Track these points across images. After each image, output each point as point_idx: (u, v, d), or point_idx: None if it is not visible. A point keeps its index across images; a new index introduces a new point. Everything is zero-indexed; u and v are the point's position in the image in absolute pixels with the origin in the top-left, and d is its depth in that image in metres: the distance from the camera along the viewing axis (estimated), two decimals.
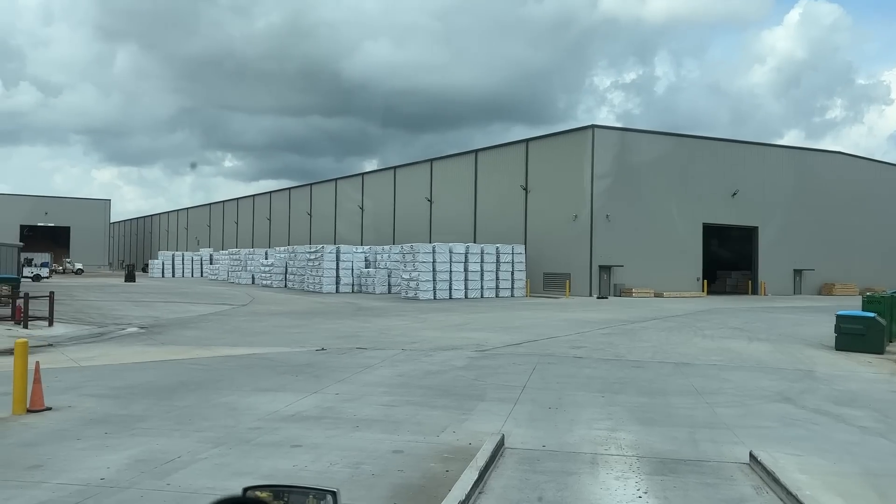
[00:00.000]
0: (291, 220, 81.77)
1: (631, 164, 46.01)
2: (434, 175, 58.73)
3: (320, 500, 1.81)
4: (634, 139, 47.38)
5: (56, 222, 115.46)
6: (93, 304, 31.90)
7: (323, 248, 46.73)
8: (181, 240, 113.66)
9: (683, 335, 22.09)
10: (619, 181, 45.45)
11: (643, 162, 46.43)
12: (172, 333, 20.86)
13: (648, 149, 46.93)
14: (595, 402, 11.31)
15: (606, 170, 45.03)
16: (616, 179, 45.36)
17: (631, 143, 46.73)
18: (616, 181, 45.35)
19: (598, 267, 44.84)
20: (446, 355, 16.34)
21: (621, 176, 45.51)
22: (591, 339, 20.42)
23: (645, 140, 47.57)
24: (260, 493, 1.81)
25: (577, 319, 26.81)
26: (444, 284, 40.72)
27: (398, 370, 13.99)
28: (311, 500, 1.82)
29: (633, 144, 46.78)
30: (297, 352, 16.85)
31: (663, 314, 30.18)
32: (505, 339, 19.92)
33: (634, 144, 46.80)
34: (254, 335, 20.57)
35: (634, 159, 46.20)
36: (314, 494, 1.80)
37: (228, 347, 17.57)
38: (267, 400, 10.85)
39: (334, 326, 23.35)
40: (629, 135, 47.89)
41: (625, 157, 45.88)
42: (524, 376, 13.48)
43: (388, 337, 20.21)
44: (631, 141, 46.98)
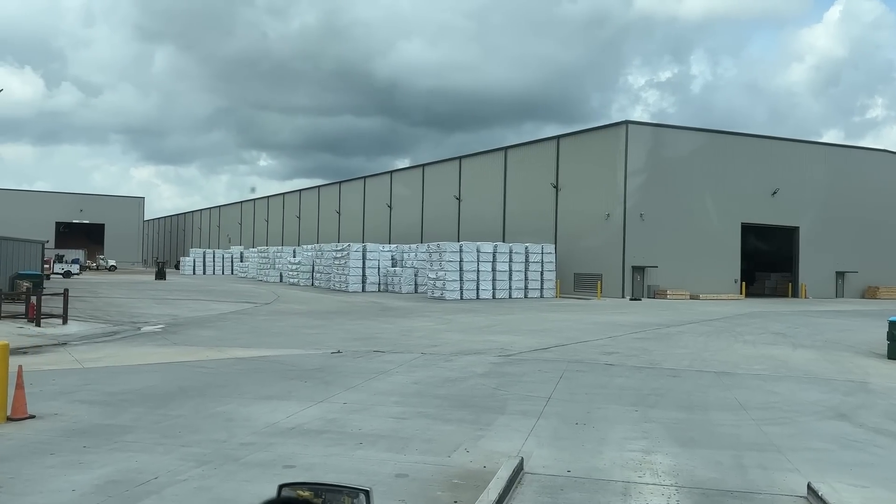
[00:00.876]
0: (321, 219, 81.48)
1: (666, 161, 44.52)
2: (463, 173, 57.76)
3: (353, 498, 1.79)
4: (670, 135, 45.83)
5: (91, 219, 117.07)
6: (114, 302, 31.57)
7: (349, 247, 46.05)
8: (213, 237, 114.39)
9: (723, 341, 20.81)
10: (654, 179, 43.99)
11: (679, 159, 44.91)
12: (188, 333, 20.22)
13: (684, 145, 45.38)
14: (627, 416, 10.24)
15: (640, 167, 43.62)
16: (650, 177, 43.92)
17: (666, 140, 45.21)
18: (650, 179, 43.91)
19: (630, 267, 43.45)
20: (468, 360, 15.37)
21: (656, 173, 44.05)
22: (624, 344, 19.27)
23: (681, 136, 45.99)
24: (300, 490, 1.80)
25: (609, 322, 25.64)
26: (472, 284, 39.72)
27: (414, 377, 13.06)
28: (345, 498, 1.79)
29: (669, 141, 45.25)
30: (312, 354, 16.02)
31: (700, 318, 28.82)
32: (531, 343, 18.87)
33: (670, 141, 45.27)
34: (270, 336, 19.83)
35: (670, 156, 44.70)
36: (348, 493, 1.78)
37: (241, 349, 16.83)
38: (268, 409, 10.00)
39: (354, 327, 22.53)
40: (664, 131, 46.36)
41: (660, 153, 44.40)
42: (550, 386, 12.45)
43: (409, 339, 19.31)
44: (666, 137, 45.46)
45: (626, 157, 43.34)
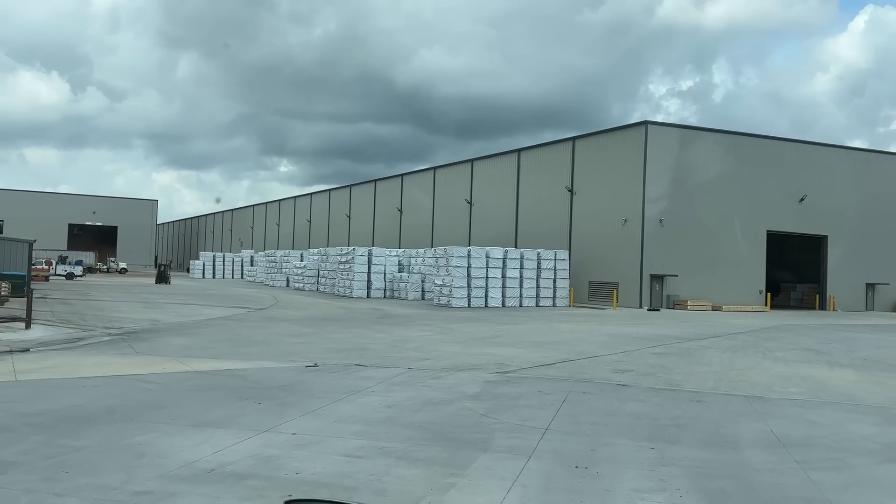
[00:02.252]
0: (331, 223, 79.96)
1: (688, 165, 42.34)
2: (475, 176, 55.85)
3: None
4: (692, 137, 43.62)
5: (104, 221, 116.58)
6: (99, 305, 30.00)
7: (354, 251, 44.28)
8: (225, 241, 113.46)
9: (750, 358, 18.69)
10: (675, 183, 41.83)
11: (701, 162, 42.71)
12: (159, 341, 18.46)
13: (707, 148, 43.18)
14: (641, 457, 8.25)
15: (661, 170, 41.47)
16: (671, 181, 41.76)
17: (688, 142, 43.03)
18: (671, 183, 41.75)
19: (649, 276, 41.25)
20: (458, 378, 13.42)
21: (677, 177, 41.88)
22: (640, 360, 17.22)
23: (704, 139, 43.77)
24: None
25: (624, 335, 23.57)
26: (480, 291, 37.77)
27: (391, 398, 11.14)
28: None
29: (691, 143, 43.07)
30: (284, 368, 14.17)
31: (723, 331, 26.66)
32: (535, 357, 16.89)
33: (692, 143, 43.09)
34: (248, 345, 18.01)
35: (692, 159, 42.52)
36: None
37: (208, 360, 15.02)
38: (196, 441, 8.13)
39: (344, 336, 20.66)
40: (686, 133, 44.15)
41: (681, 156, 42.23)
42: (549, 412, 10.47)
43: (400, 351, 17.40)
44: (688, 139, 43.26)
45: (646, 160, 41.20)
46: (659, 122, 43.56)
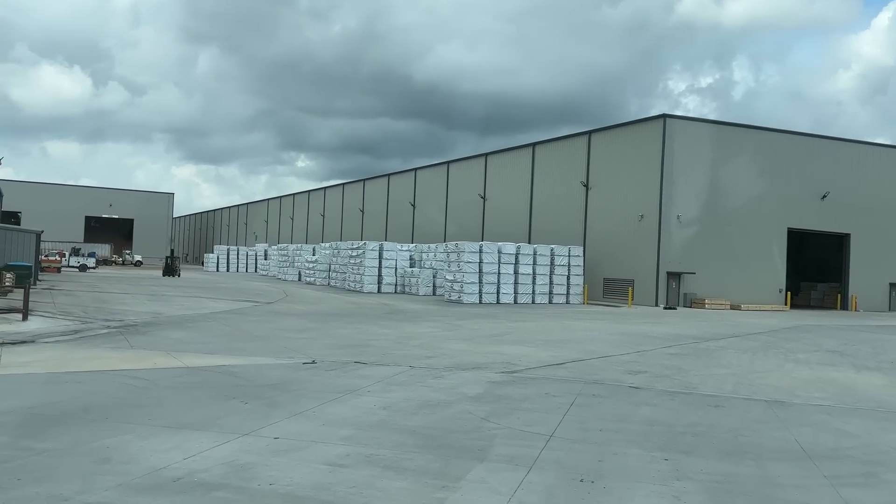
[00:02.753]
0: (344, 217, 79.51)
1: (707, 160, 41.30)
2: (488, 170, 55.05)
3: None
4: (711, 132, 42.54)
5: (120, 214, 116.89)
6: (104, 297, 29.60)
7: (365, 245, 43.68)
8: (241, 235, 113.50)
9: (771, 359, 17.84)
10: (693, 178, 40.83)
11: (721, 158, 41.66)
12: (157, 334, 17.94)
13: (727, 143, 42.08)
14: (653, 469, 7.52)
15: (679, 165, 40.48)
16: (689, 176, 40.76)
17: (707, 136, 41.96)
18: (689, 178, 40.75)
19: (665, 273, 40.30)
20: (462, 377, 12.74)
21: (695, 172, 40.86)
22: (654, 360, 16.45)
23: (723, 133, 42.66)
24: None
25: (639, 333, 22.77)
26: (492, 287, 37.02)
27: (387, 399, 10.48)
28: None
29: (710, 137, 42.00)
30: (280, 365, 13.56)
31: (742, 330, 25.77)
32: (545, 356, 16.17)
33: (711, 137, 42.02)
34: (248, 340, 17.43)
35: (711, 154, 41.48)
36: None
37: (203, 356, 14.44)
38: (170, 445, 7.52)
39: (348, 332, 20.04)
40: (706, 127, 43.08)
41: (700, 151, 41.19)
42: (555, 417, 9.77)
43: (403, 348, 16.74)
44: (707, 133, 42.19)
45: (664, 154, 40.22)
46: (678, 115, 42.50)
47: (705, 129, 42.55)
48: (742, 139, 42.69)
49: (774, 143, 43.66)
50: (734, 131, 43.12)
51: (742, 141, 42.59)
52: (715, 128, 43.14)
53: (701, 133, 41.93)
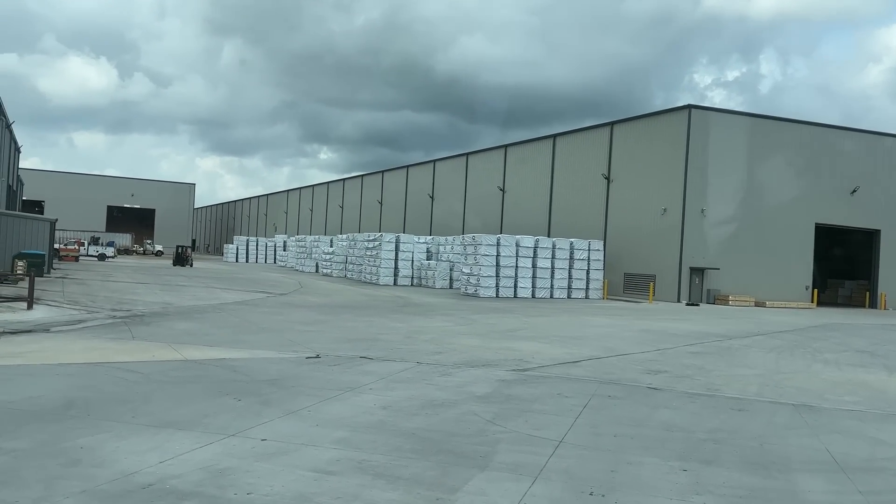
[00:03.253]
0: (363, 208, 79.15)
1: (733, 152, 40.22)
2: (508, 162, 54.25)
3: None
4: (738, 123, 41.38)
5: (142, 204, 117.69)
6: (116, 287, 29.38)
7: (381, 237, 43.19)
8: (260, 225, 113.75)
9: (798, 360, 17.03)
10: (718, 171, 39.78)
11: (748, 149, 40.55)
12: (163, 325, 17.55)
13: (754, 135, 40.94)
14: (671, 481, 6.87)
15: (704, 157, 39.46)
16: (715, 169, 39.73)
17: (733, 128, 40.84)
18: (714, 171, 39.72)
19: (688, 269, 39.35)
20: (470, 375, 12.14)
21: (721, 165, 39.81)
22: (675, 359, 15.72)
23: (751, 124, 41.49)
24: None
25: (660, 330, 22.01)
26: (509, 282, 36.35)
27: (389, 397, 9.91)
28: None
29: (736, 129, 40.87)
30: (282, 359, 13.05)
31: (767, 328, 24.89)
32: (560, 353, 15.51)
33: (737, 129, 40.89)
34: (253, 333, 16.97)
35: (738, 146, 40.37)
36: None
37: (204, 348, 13.99)
38: (148, 446, 7.01)
39: (358, 325, 19.52)
40: (733, 118, 41.90)
41: (726, 143, 40.11)
42: (567, 420, 9.13)
43: (412, 343, 16.17)
44: (733, 125, 41.06)
45: (688, 146, 39.20)
46: (704, 106, 41.37)
47: (732, 121, 41.42)
48: (770, 131, 41.52)
49: (803, 136, 42.42)
50: (762, 123, 41.96)
51: (770, 133, 41.42)
52: (742, 119, 41.97)
53: (728, 124, 40.82)
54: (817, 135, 42.92)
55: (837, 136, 43.50)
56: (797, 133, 42.38)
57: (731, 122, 41.28)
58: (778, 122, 42.52)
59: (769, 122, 42.15)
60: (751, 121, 41.85)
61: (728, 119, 41.50)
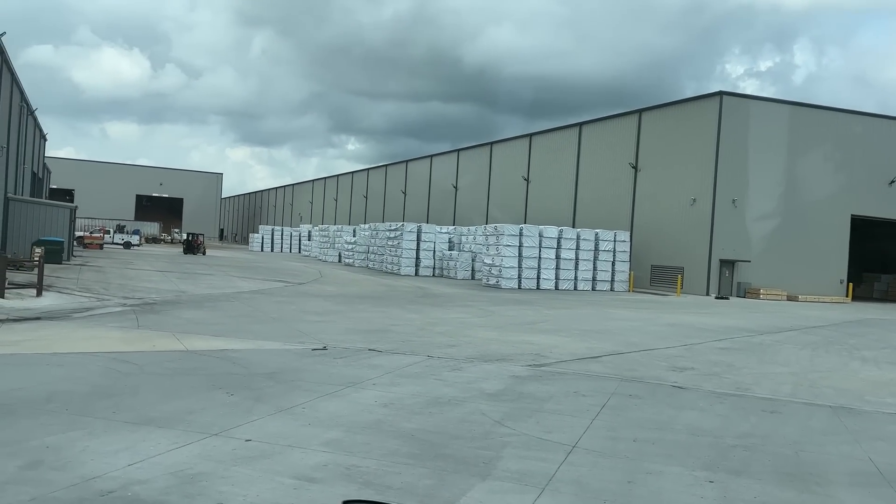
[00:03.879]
0: (387, 198, 78.66)
1: (765, 141, 38.86)
2: (533, 151, 53.26)
3: None
4: (770, 111, 39.98)
5: (170, 193, 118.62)
6: (133, 274, 29.18)
7: (403, 227, 42.60)
8: (286, 215, 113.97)
9: (834, 357, 16.09)
10: (750, 160, 38.49)
11: (781, 138, 39.16)
12: (171, 313, 17.14)
13: (788, 123, 39.53)
14: (696, 494, 6.14)
15: (735, 146, 38.18)
16: (746, 158, 38.44)
17: (766, 115, 39.45)
18: (746, 160, 38.44)
19: (718, 261, 38.19)
20: (482, 370, 11.46)
21: (753, 154, 38.50)
22: (702, 355, 14.89)
23: (783, 112, 40.06)
24: None
25: (687, 325, 21.12)
26: (532, 273, 35.54)
27: (392, 394, 9.27)
28: None
29: (769, 117, 39.48)
30: (287, 350, 12.50)
31: (801, 323, 23.85)
32: (580, 348, 14.76)
33: (770, 117, 39.50)
34: (263, 322, 16.47)
35: (770, 135, 39.00)
36: None
37: (208, 338, 13.49)
38: (121, 445, 6.45)
39: (372, 316, 18.94)
40: (765, 105, 40.50)
41: (759, 131, 38.77)
42: (582, 421, 8.42)
43: (426, 335, 15.53)
44: (766, 112, 39.66)
45: (719, 135, 37.95)
46: (735, 93, 39.96)
47: (765, 108, 40.02)
48: (804, 119, 40.06)
49: (838, 125, 40.88)
50: (796, 111, 40.51)
51: (804, 121, 39.97)
52: (775, 107, 40.54)
53: (760, 112, 39.44)
54: (854, 123, 41.33)
55: (875, 125, 41.85)
56: (832, 121, 40.85)
57: (764, 109, 39.89)
58: (813, 110, 41.02)
59: (803, 110, 40.68)
60: (784, 108, 40.41)
61: (761, 106, 40.09)
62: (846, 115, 41.62)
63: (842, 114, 41.65)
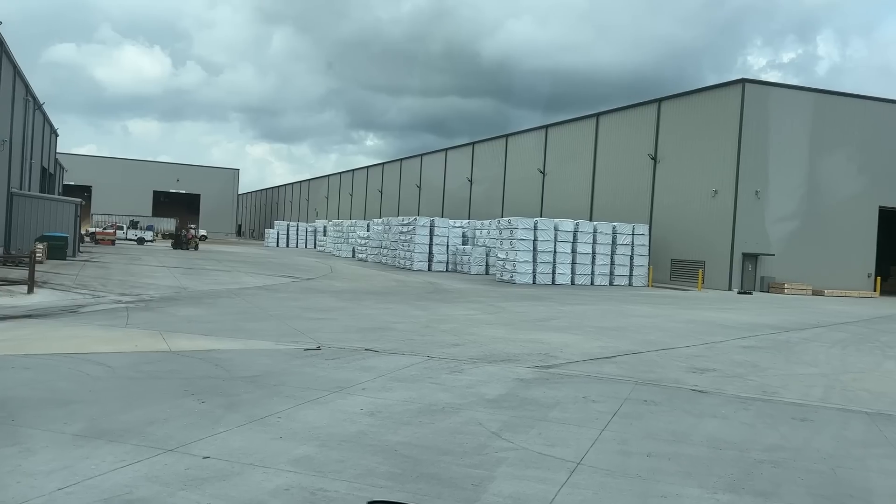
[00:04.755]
0: (402, 193, 77.89)
1: (790, 130, 37.53)
2: (549, 143, 52.15)
3: None
4: (795, 98, 38.60)
5: (187, 189, 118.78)
6: (136, 270, 28.62)
7: (416, 221, 41.75)
8: (303, 211, 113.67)
9: (866, 356, 15.03)
10: (774, 150, 37.17)
11: (806, 127, 37.80)
12: (165, 311, 16.45)
13: (814, 111, 38.15)
14: None
15: (758, 135, 36.89)
16: (769, 148, 37.12)
17: (790, 103, 38.09)
18: (769, 150, 37.12)
19: (740, 255, 36.96)
20: (484, 373, 10.59)
21: (776, 144, 37.18)
22: (724, 354, 13.91)
23: (810, 100, 38.66)
24: None
25: (708, 322, 20.09)
26: (547, 268, 34.55)
27: (381, 401, 8.43)
28: None
29: (794, 105, 38.12)
30: (277, 350, 11.72)
31: (829, 319, 22.71)
32: (593, 347, 13.84)
33: (795, 105, 38.14)
34: (259, 320, 15.70)
35: (794, 123, 37.66)
36: None
37: (197, 337, 12.76)
38: (59, 463, 5.66)
39: (376, 312, 18.12)
40: (789, 93, 39.12)
41: (782, 120, 37.44)
42: (590, 432, 7.53)
43: (430, 333, 14.69)
44: (790, 100, 38.30)
45: (741, 124, 36.66)
46: (758, 80, 38.57)
47: (789, 96, 38.64)
48: (830, 107, 38.63)
49: (866, 113, 39.38)
50: (821, 98, 39.09)
51: (829, 109, 38.55)
52: (799, 94, 39.15)
53: (784, 100, 38.07)
54: (882, 111, 39.82)
55: None
56: (859, 109, 39.36)
57: (788, 97, 38.51)
58: (839, 98, 39.56)
59: (828, 98, 39.25)
60: (809, 96, 39.01)
61: (785, 94, 38.72)
62: (873, 103, 40.11)
63: (869, 101, 40.14)
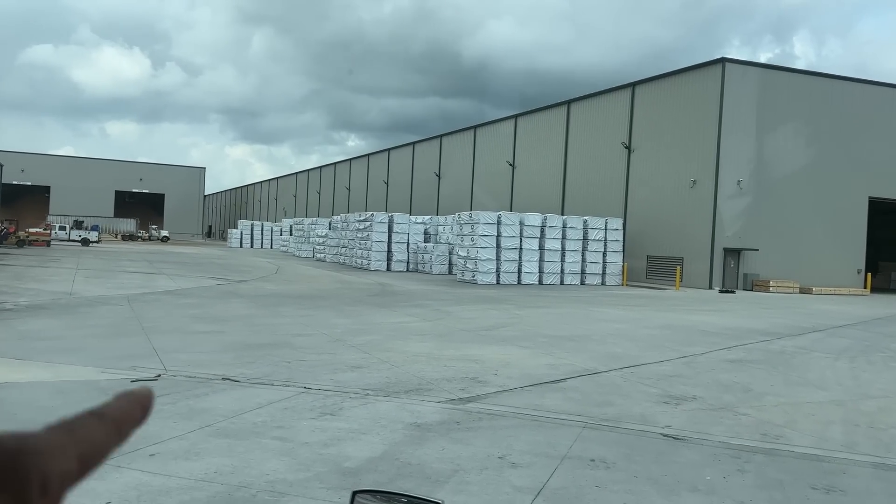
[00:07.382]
0: (369, 190, 74.62)
1: (774, 115, 34.80)
2: (518, 134, 49.15)
3: None
4: (779, 80, 35.81)
5: (151, 189, 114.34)
6: (32, 274, 25.18)
7: (373, 217, 38.50)
8: (271, 210, 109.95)
9: (882, 370, 12.11)
10: (757, 137, 34.46)
11: (790, 112, 35.10)
12: (10, 323, 13.16)
13: (798, 95, 35.48)
14: None
15: (740, 121, 34.10)
16: (753, 134, 34.37)
17: (774, 86, 35.34)
18: (753, 136, 34.39)
19: (722, 250, 34.15)
20: (371, 414, 7.41)
21: (760, 130, 34.46)
22: (707, 373, 10.87)
23: (794, 82, 35.95)
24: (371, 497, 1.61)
25: (687, 326, 17.10)
26: (512, 266, 31.48)
27: (161, 480, 5.23)
28: None
29: (778, 88, 35.38)
30: (88, 382, 8.48)
31: (823, 322, 19.84)
32: (539, 366, 10.73)
33: (779, 88, 35.39)
34: (116, 336, 12.42)
35: (779, 108, 34.92)
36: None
37: (8, 362, 9.47)
38: None
39: (284, 323, 14.87)
40: (773, 74, 36.28)
41: (766, 104, 34.71)
42: None
43: (335, 350, 11.49)
44: (775, 83, 35.53)
45: (722, 108, 33.83)
46: (739, 60, 35.69)
47: (772, 78, 35.83)
48: (818, 91, 35.99)
49: (855, 97, 36.76)
50: (809, 81, 36.47)
51: (818, 93, 35.90)
52: (785, 76, 36.33)
53: (767, 82, 35.29)
54: (872, 95, 37.26)
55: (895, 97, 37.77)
56: (849, 93, 36.73)
57: (772, 79, 35.71)
58: (827, 80, 36.97)
59: (817, 80, 36.66)
60: (795, 78, 36.30)
61: (769, 75, 35.88)
62: (862, 86, 37.50)
63: (858, 84, 37.52)
